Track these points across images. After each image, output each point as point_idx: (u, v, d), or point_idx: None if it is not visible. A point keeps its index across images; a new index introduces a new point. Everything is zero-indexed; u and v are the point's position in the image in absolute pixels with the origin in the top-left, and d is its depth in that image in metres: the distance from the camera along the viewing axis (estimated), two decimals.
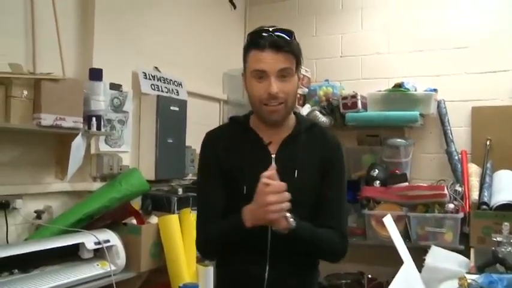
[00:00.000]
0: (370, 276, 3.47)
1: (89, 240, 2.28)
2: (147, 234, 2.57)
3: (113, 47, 2.79)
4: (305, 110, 3.68)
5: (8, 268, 2.07)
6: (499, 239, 2.26)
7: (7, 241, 2.27)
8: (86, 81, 2.55)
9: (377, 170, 3.44)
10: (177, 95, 3.28)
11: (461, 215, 3.08)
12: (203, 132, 1.63)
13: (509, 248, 2.17)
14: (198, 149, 1.62)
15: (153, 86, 3.09)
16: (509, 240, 2.23)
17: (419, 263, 2.50)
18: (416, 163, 3.60)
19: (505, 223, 2.28)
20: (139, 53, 3.03)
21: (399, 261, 2.24)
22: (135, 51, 3.00)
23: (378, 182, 3.39)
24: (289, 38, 1.44)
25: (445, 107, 3.51)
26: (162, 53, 3.26)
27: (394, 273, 2.13)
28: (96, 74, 2.57)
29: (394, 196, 3.31)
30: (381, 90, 3.57)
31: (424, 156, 3.63)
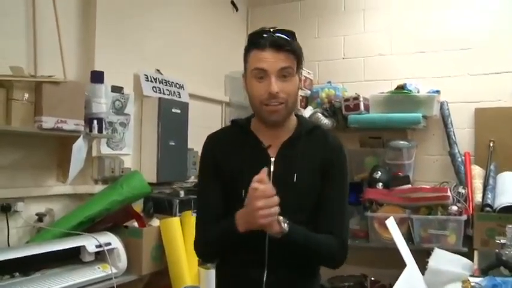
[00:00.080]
0: (373, 278, 3.46)
1: (90, 243, 2.28)
2: (149, 237, 2.57)
3: (114, 49, 2.79)
4: (307, 112, 3.67)
5: (9, 271, 2.07)
6: (503, 242, 2.24)
7: (8, 244, 2.26)
8: (88, 83, 2.55)
9: (380, 172, 3.43)
10: (179, 97, 3.28)
11: (464, 217, 3.07)
12: (205, 134, 1.62)
13: None
14: (200, 151, 1.61)
15: (154, 89, 3.08)
16: None
17: (422, 266, 2.49)
18: (419, 165, 3.59)
19: (508, 225, 2.26)
20: (141, 55, 3.02)
21: (402, 264, 2.23)
22: (137, 54, 2.99)
23: (380, 184, 3.38)
24: (290, 39, 1.43)
25: (448, 109, 3.50)
26: (164, 55, 3.25)
27: (397, 276, 2.12)
28: (97, 77, 2.57)
29: (397, 198, 3.29)
30: (383, 92, 3.57)
31: (427, 158, 3.62)
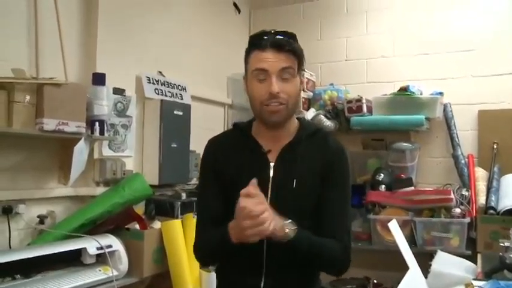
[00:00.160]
0: (375, 281, 3.44)
1: (91, 245, 2.27)
2: (150, 239, 2.56)
3: (116, 51, 2.79)
4: (310, 114, 3.66)
5: (10, 273, 2.07)
6: (507, 244, 2.23)
7: (10, 246, 2.26)
8: (89, 85, 2.55)
9: (382, 175, 3.41)
10: (181, 99, 3.27)
11: (467, 219, 3.05)
12: (207, 136, 1.61)
13: None
14: (202, 153, 1.60)
15: (156, 91, 3.08)
16: None
17: (425, 269, 2.47)
18: (422, 167, 3.57)
19: None
20: (143, 57, 3.02)
21: (405, 267, 2.22)
22: (139, 56, 2.99)
23: (383, 186, 3.37)
24: (291, 40, 1.42)
25: (451, 111, 3.49)
26: (166, 57, 3.25)
27: (400, 279, 2.10)
28: (99, 79, 2.57)
29: (400, 201, 3.27)
30: (386, 94, 3.56)
31: (430, 160, 3.60)
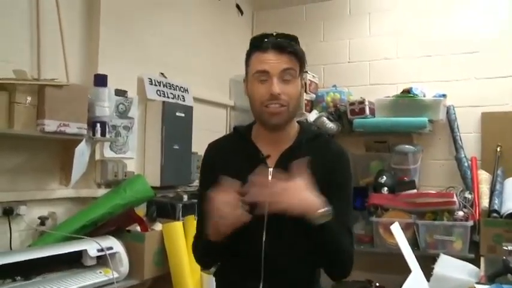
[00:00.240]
0: (378, 284, 3.42)
1: (91, 247, 2.27)
2: (151, 241, 2.55)
3: (118, 52, 2.79)
4: (312, 116, 3.65)
5: (11, 275, 2.06)
6: (510, 248, 2.22)
7: (10, 247, 2.26)
8: (91, 87, 2.54)
9: (385, 177, 3.40)
10: (183, 101, 3.27)
11: (470, 222, 3.03)
12: (209, 138, 1.61)
13: None
14: None
15: (158, 92, 3.08)
16: None
17: (427, 272, 2.47)
18: (425, 170, 3.55)
19: None
20: (145, 58, 3.02)
21: (407, 269, 2.21)
22: (141, 57, 2.99)
23: (385, 188, 3.35)
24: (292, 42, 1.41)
25: (454, 113, 3.47)
26: (168, 58, 3.25)
27: (402, 282, 2.10)
28: (100, 80, 2.56)
29: (402, 203, 3.26)
30: (389, 96, 3.54)
31: (433, 162, 3.58)
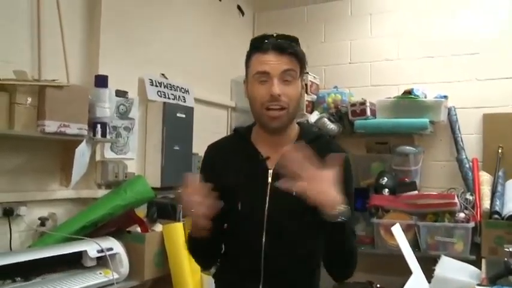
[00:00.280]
0: (378, 285, 3.41)
1: (91, 248, 2.26)
2: (151, 242, 2.55)
3: (119, 53, 2.79)
4: (313, 117, 3.64)
5: (11, 276, 2.06)
6: None
7: (10, 248, 2.26)
8: (92, 88, 2.54)
9: (386, 178, 3.39)
10: (184, 102, 3.27)
11: (472, 224, 3.02)
12: (210, 139, 1.61)
13: None
14: None
15: (159, 93, 3.08)
16: None
17: (428, 273, 2.45)
18: (426, 171, 3.54)
19: None
20: (145, 59, 3.01)
21: (408, 271, 2.20)
22: (142, 58, 2.98)
23: (386, 190, 3.34)
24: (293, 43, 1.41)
25: (455, 114, 3.46)
26: (169, 59, 3.24)
27: (403, 283, 2.09)
28: (101, 81, 2.56)
29: (403, 205, 3.25)
30: (390, 97, 3.53)
31: (434, 164, 3.57)
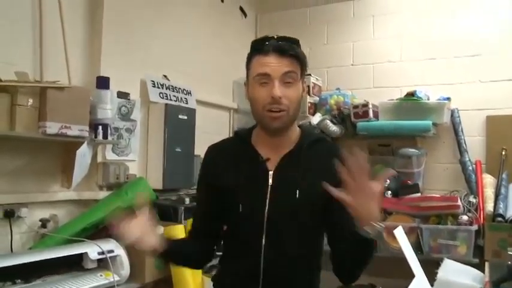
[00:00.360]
0: None
1: (92, 250, 2.25)
2: None
3: (121, 55, 2.78)
4: (316, 119, 3.63)
5: (11, 277, 2.05)
6: None
7: (11, 250, 2.25)
8: (93, 89, 2.54)
9: (388, 180, 3.37)
10: (186, 103, 3.26)
11: (475, 227, 3.01)
12: (212, 141, 1.61)
13: None
14: None
15: (161, 95, 3.07)
16: None
17: (431, 277, 2.44)
18: (429, 173, 3.53)
19: None
20: (147, 61, 3.01)
21: (411, 274, 2.19)
22: (144, 59, 2.98)
23: (389, 192, 3.33)
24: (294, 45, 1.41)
25: (458, 116, 3.44)
26: (171, 61, 3.24)
27: (406, 286, 2.07)
28: (103, 82, 2.56)
29: (406, 207, 3.24)
30: (392, 99, 3.52)
31: (437, 166, 3.56)
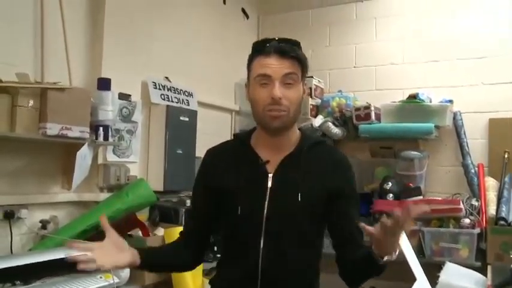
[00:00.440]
0: None
1: None
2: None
3: (122, 56, 2.78)
4: (318, 121, 3.63)
5: (11, 279, 2.04)
6: None
7: (11, 251, 2.25)
8: (95, 90, 2.54)
9: (390, 183, 3.36)
10: (188, 105, 3.26)
11: (477, 230, 2.99)
12: (214, 143, 1.60)
13: None
14: None
15: (162, 96, 3.07)
16: None
17: (433, 280, 2.43)
18: (431, 176, 3.51)
19: None
20: (149, 62, 3.01)
21: (412, 277, 2.18)
22: (145, 61, 2.98)
23: (391, 195, 3.31)
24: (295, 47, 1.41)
25: (461, 119, 3.43)
26: (173, 62, 3.24)
27: None
28: (104, 84, 2.56)
29: None
30: (395, 102, 3.51)
31: (439, 169, 3.54)
